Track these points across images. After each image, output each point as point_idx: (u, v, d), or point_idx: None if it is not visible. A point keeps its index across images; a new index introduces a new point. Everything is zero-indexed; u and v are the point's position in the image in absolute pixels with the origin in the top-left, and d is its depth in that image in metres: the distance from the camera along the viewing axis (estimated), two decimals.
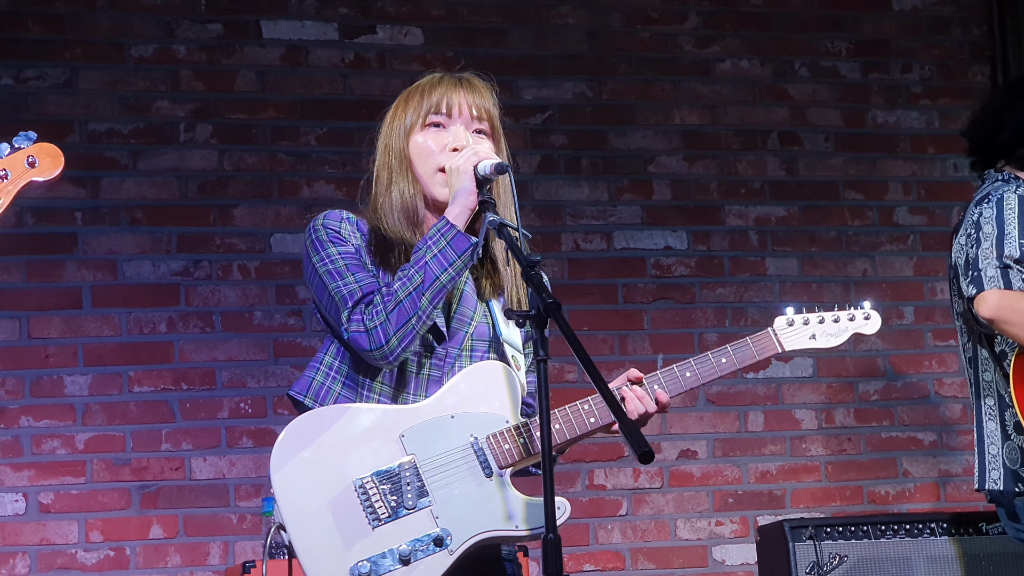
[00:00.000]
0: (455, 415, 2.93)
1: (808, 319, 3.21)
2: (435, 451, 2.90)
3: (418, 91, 3.17)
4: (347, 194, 5.59)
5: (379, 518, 2.85)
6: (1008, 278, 3.88)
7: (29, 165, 2.59)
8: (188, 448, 5.33)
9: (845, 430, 5.92)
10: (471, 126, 3.10)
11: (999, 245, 3.92)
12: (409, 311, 2.87)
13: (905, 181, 6.18)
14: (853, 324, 3.25)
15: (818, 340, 3.22)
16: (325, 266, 3.00)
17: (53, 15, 5.48)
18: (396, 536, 2.84)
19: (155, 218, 5.44)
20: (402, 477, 2.88)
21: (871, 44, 6.26)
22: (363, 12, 5.76)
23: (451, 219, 2.93)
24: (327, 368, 3.05)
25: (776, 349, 3.18)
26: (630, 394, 3.02)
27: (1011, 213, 3.97)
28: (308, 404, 3.02)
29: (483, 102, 3.13)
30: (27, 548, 5.14)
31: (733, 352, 3.12)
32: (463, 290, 3.07)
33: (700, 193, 5.98)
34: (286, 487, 2.87)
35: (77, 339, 5.30)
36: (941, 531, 4.90)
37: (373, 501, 2.86)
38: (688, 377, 3.09)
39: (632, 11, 6.03)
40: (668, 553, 5.69)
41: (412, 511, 2.86)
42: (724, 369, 3.11)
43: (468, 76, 3.19)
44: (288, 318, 5.49)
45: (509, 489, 2.91)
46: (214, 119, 5.55)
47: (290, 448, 2.89)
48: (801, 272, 5.98)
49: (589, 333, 5.66)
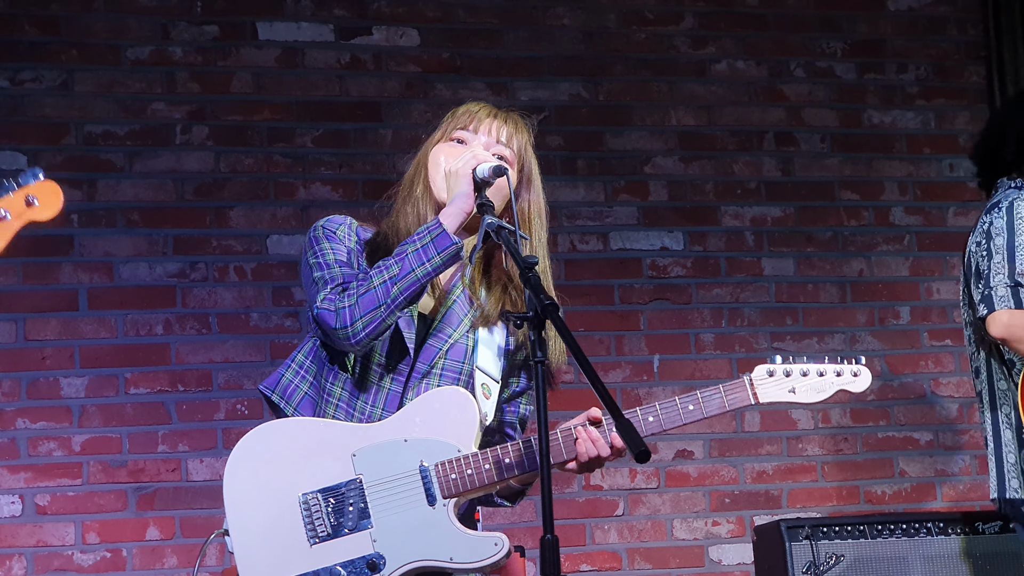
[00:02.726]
0: (408, 439, 2.90)
1: (791, 371, 3.07)
2: (383, 473, 2.88)
3: (454, 113, 3.14)
4: (343, 195, 5.59)
5: (318, 535, 2.85)
6: (1019, 297, 3.91)
7: (27, 204, 2.58)
8: (184, 450, 5.32)
9: (841, 430, 5.93)
10: (493, 149, 3.07)
11: (1010, 260, 3.94)
12: (380, 298, 2.86)
13: (901, 181, 6.18)
14: (839, 380, 3.09)
15: (798, 395, 3.07)
16: (315, 258, 3.02)
17: (49, 17, 5.48)
18: (332, 555, 2.84)
19: (151, 220, 5.44)
20: (347, 496, 2.86)
21: (867, 44, 6.26)
22: (359, 14, 5.76)
23: (443, 219, 2.92)
24: (298, 366, 3.06)
25: (748, 401, 3.05)
26: (584, 435, 2.93)
27: (1021, 222, 3.98)
28: (275, 400, 3.03)
29: (515, 133, 3.09)
30: (24, 550, 5.14)
31: (702, 400, 3.01)
32: (450, 307, 3.05)
33: (696, 194, 5.98)
34: (235, 495, 2.90)
35: (73, 341, 5.30)
36: (938, 531, 4.91)
37: (315, 518, 2.86)
38: (651, 422, 2.98)
39: (628, 12, 6.03)
40: (665, 553, 5.69)
41: (352, 532, 2.85)
42: (690, 417, 2.99)
43: (513, 109, 3.15)
44: (284, 320, 5.49)
45: (451, 520, 2.87)
46: (210, 121, 5.55)
47: (245, 457, 2.91)
48: (797, 272, 5.98)
49: (586, 334, 5.67)
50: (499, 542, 2.86)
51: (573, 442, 2.94)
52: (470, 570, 2.83)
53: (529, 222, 3.10)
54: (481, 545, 2.85)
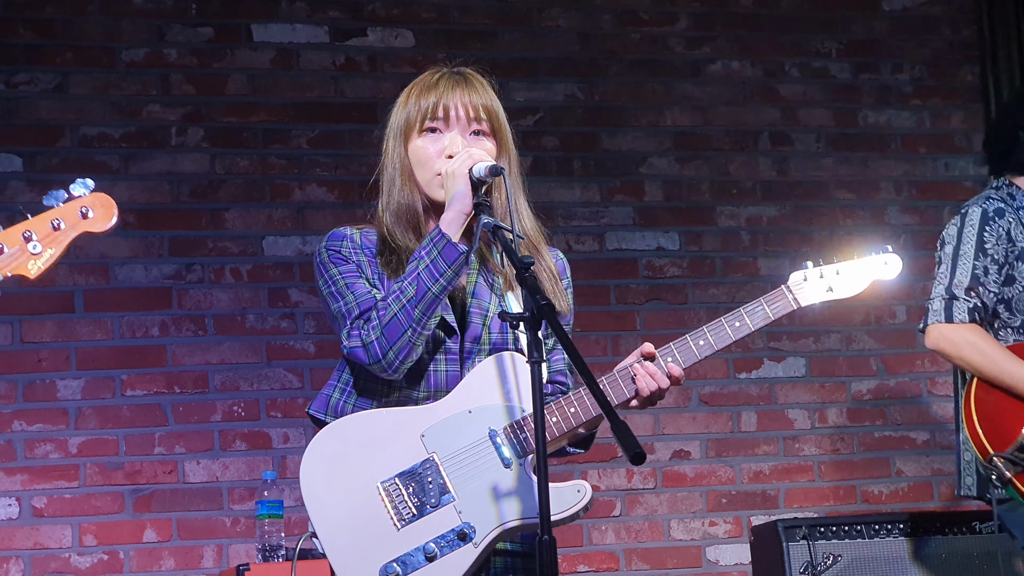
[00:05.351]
0: (472, 410, 2.95)
1: (823, 272, 3.17)
2: (455, 447, 2.92)
3: (416, 90, 3.12)
4: (339, 196, 5.59)
5: (404, 518, 2.89)
6: (951, 311, 4.01)
7: (82, 216, 2.61)
8: (181, 451, 5.32)
9: (838, 430, 5.93)
10: (468, 129, 3.07)
11: (951, 271, 4.03)
12: (404, 324, 2.89)
13: (896, 181, 6.19)
14: (872, 270, 3.20)
15: (835, 291, 3.17)
16: (328, 287, 3.03)
17: (44, 20, 5.47)
18: (422, 534, 2.88)
19: (147, 222, 5.44)
20: (424, 476, 2.90)
21: (861, 44, 6.27)
22: (353, 15, 5.76)
23: (444, 226, 2.93)
24: (343, 384, 3.08)
25: (791, 307, 3.14)
26: (641, 371, 3.00)
27: (971, 230, 4.04)
28: (328, 422, 3.05)
29: (480, 100, 3.10)
30: (20, 552, 5.14)
31: (747, 315, 3.10)
32: (476, 283, 3.07)
33: (692, 194, 5.99)
34: (315, 498, 2.92)
35: (70, 343, 5.29)
36: (935, 530, 4.91)
37: (398, 502, 2.90)
38: (702, 345, 3.07)
39: (622, 13, 6.04)
40: (662, 554, 5.69)
41: (436, 508, 2.89)
42: (739, 333, 3.08)
43: (466, 72, 3.15)
44: (281, 321, 5.49)
45: (530, 477, 2.90)
46: (205, 123, 5.55)
47: (316, 460, 2.94)
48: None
49: (582, 335, 5.63)
50: (581, 488, 2.91)
51: (631, 379, 2.99)
52: (557, 521, 2.84)
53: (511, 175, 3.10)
54: (564, 495, 2.90)
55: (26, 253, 2.54)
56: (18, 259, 2.54)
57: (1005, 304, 4.05)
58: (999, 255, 4.03)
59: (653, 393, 3.01)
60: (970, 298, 4.01)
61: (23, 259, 2.54)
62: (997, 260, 4.02)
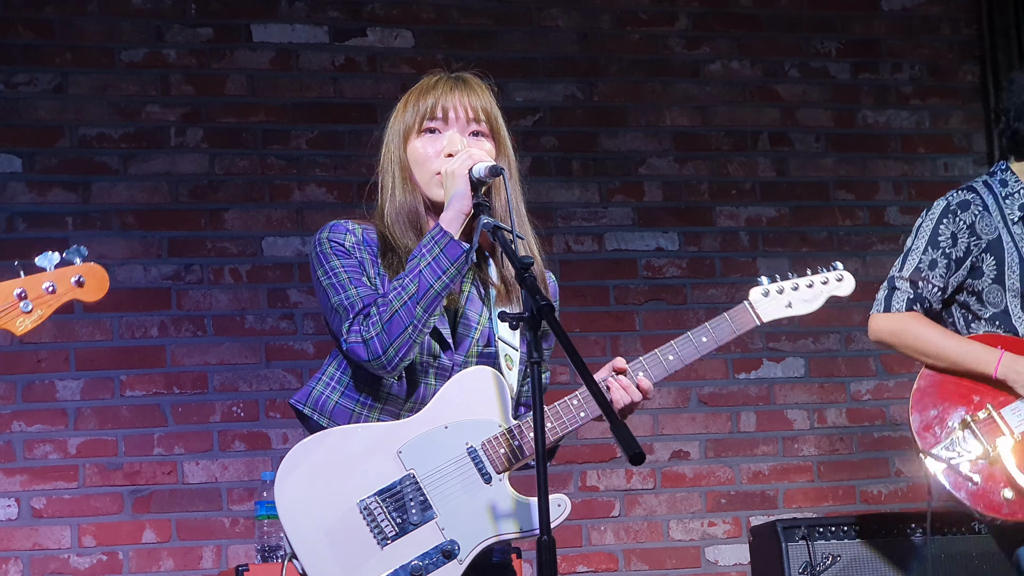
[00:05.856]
0: (448, 425, 2.94)
1: (783, 287, 3.23)
2: (433, 463, 2.91)
3: (415, 94, 3.14)
4: (338, 197, 5.59)
5: (387, 537, 2.87)
6: (890, 301, 4.05)
7: (77, 284, 2.66)
8: (180, 452, 5.32)
9: (837, 430, 5.93)
10: (467, 129, 3.08)
11: (903, 260, 4.08)
12: (405, 321, 2.89)
13: (896, 181, 6.19)
14: (827, 288, 3.30)
15: (794, 308, 3.24)
16: (328, 279, 3.02)
17: (43, 20, 5.47)
18: (406, 552, 2.86)
19: (146, 222, 5.44)
20: (404, 493, 2.89)
21: (861, 44, 6.27)
22: (353, 15, 5.76)
23: (445, 225, 2.93)
24: (328, 378, 3.07)
25: (754, 322, 3.18)
26: (615, 384, 3.04)
27: (928, 223, 4.05)
28: (307, 413, 3.04)
29: (479, 102, 3.10)
30: (20, 553, 5.13)
31: (712, 330, 3.14)
32: (468, 294, 3.08)
33: (691, 194, 5.99)
34: (292, 517, 2.88)
35: (69, 344, 5.29)
36: (934, 530, 4.91)
37: (379, 520, 2.87)
38: (671, 360, 3.12)
39: (622, 13, 6.04)
40: (661, 554, 5.69)
41: (418, 526, 2.87)
42: (705, 348, 3.13)
43: (465, 76, 3.16)
44: (280, 321, 5.49)
45: (509, 492, 2.91)
46: (204, 123, 5.55)
47: (291, 477, 2.90)
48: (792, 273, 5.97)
49: (581, 335, 5.67)
50: (561, 503, 2.92)
51: (606, 391, 3.02)
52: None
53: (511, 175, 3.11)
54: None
55: (17, 310, 2.61)
56: (8, 315, 2.60)
57: (976, 296, 4.03)
58: (956, 249, 3.99)
59: (626, 406, 3.04)
60: (910, 289, 4.01)
61: (13, 315, 2.61)
62: (949, 254, 3.99)
